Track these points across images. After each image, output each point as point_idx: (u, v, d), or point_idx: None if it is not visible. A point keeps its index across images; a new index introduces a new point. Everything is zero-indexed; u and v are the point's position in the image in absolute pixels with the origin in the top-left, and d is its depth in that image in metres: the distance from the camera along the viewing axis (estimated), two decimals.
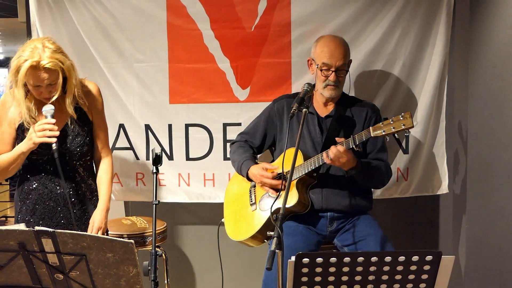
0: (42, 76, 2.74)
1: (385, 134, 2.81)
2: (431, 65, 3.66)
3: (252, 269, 4.07)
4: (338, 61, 3.08)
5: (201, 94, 3.76)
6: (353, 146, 2.87)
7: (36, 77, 2.74)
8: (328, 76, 3.10)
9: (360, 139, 2.87)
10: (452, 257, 2.02)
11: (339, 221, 3.16)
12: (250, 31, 3.70)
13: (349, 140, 2.88)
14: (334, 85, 3.11)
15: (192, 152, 3.81)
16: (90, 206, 3.04)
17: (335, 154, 2.88)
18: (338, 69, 3.09)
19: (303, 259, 1.99)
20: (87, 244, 2.04)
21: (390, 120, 2.81)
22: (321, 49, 3.14)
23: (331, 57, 3.08)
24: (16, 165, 2.85)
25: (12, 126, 2.90)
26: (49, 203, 2.94)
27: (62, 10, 3.69)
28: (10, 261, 2.09)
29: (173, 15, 3.69)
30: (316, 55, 3.15)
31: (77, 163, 2.98)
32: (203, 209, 3.97)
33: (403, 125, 2.77)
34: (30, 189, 2.95)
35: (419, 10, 3.62)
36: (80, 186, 3.01)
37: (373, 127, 2.84)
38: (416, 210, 4.07)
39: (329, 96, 3.14)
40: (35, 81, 2.75)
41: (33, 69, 2.71)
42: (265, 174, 3.15)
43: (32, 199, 2.94)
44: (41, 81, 2.75)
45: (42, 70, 2.73)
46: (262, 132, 3.35)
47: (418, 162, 3.75)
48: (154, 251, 2.41)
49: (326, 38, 3.19)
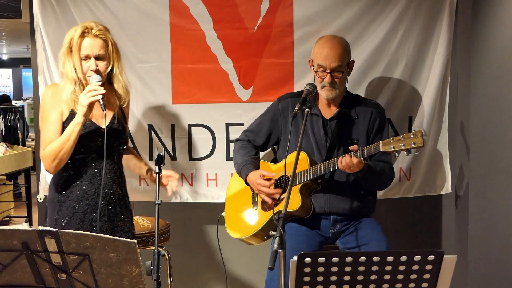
0: (92, 42, 2.82)
1: (394, 151, 2.80)
2: (434, 65, 3.66)
3: (256, 269, 4.07)
4: (333, 62, 3.05)
5: (204, 95, 3.76)
6: (361, 158, 2.87)
7: (86, 44, 2.82)
8: (323, 77, 3.08)
9: (369, 153, 2.85)
10: (454, 257, 2.02)
11: (342, 223, 3.16)
12: (253, 32, 3.71)
13: (358, 152, 2.88)
14: (330, 86, 3.08)
15: (195, 152, 3.82)
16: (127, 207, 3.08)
17: (347, 163, 2.87)
18: (334, 70, 3.06)
19: (305, 259, 1.99)
20: (90, 243, 2.04)
21: (401, 137, 2.78)
22: (318, 50, 3.12)
23: (326, 59, 3.05)
24: (71, 142, 2.78)
25: (60, 118, 2.88)
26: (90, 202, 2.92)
27: (65, 11, 3.70)
28: (14, 260, 2.10)
29: (176, 15, 3.70)
30: (314, 56, 3.14)
31: (119, 161, 3.03)
32: (206, 209, 3.98)
33: (413, 143, 2.74)
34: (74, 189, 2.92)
35: (422, 10, 3.63)
36: (123, 184, 3.06)
37: (383, 142, 2.82)
38: (418, 210, 4.07)
39: (326, 97, 3.12)
40: (85, 48, 2.82)
41: (83, 36, 2.82)
42: (262, 183, 3.14)
43: (75, 198, 2.91)
44: (91, 48, 2.82)
45: (92, 37, 2.82)
46: (267, 132, 3.34)
47: (421, 162, 3.75)
48: (157, 250, 2.41)
49: (324, 39, 3.17)
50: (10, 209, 7.82)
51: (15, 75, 19.96)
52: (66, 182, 2.92)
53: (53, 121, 2.86)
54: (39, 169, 3.99)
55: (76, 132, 2.77)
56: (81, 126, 2.78)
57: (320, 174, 3.00)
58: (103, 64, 2.87)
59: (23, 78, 19.84)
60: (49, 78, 3.80)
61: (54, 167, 2.82)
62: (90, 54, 2.83)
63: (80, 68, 2.84)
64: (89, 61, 2.84)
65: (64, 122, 2.86)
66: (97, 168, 2.91)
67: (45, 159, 2.83)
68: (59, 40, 3.73)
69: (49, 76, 3.79)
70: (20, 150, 7.47)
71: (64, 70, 2.87)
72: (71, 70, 2.85)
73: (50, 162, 2.81)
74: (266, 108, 3.42)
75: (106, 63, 2.88)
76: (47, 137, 2.84)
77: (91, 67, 2.83)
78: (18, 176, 8.57)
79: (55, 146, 2.79)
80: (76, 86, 2.86)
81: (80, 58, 2.83)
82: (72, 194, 2.91)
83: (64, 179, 2.92)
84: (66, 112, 2.87)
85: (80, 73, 2.85)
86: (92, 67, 2.83)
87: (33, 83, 4.07)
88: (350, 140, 3.12)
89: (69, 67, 2.85)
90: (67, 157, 2.81)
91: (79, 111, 2.77)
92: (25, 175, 7.66)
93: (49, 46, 3.74)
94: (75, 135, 2.78)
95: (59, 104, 2.86)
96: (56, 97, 2.88)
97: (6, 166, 6.83)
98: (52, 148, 2.79)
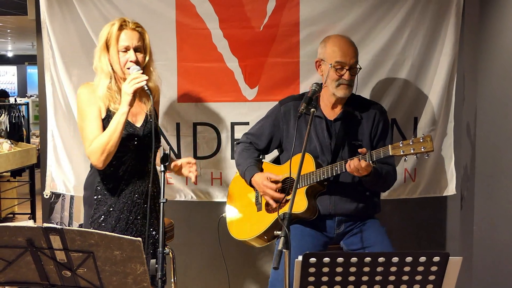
0: (130, 34, 2.87)
1: (404, 155, 2.80)
2: (440, 66, 3.66)
3: (258, 269, 4.07)
4: (352, 59, 3.06)
5: (209, 93, 3.76)
6: (370, 161, 2.86)
7: (125, 36, 2.86)
8: (342, 75, 3.06)
9: (378, 156, 2.85)
10: (460, 258, 2.02)
11: (347, 224, 3.15)
12: (259, 31, 3.71)
13: (367, 155, 2.87)
14: (347, 84, 3.07)
15: (200, 151, 3.82)
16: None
17: (355, 166, 2.86)
18: (351, 67, 3.07)
19: (310, 259, 1.99)
20: (95, 241, 2.05)
21: (410, 141, 2.78)
22: (332, 48, 3.11)
23: (345, 56, 3.05)
24: (118, 133, 2.79)
25: (99, 114, 2.89)
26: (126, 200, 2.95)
27: (71, 8, 3.71)
28: (18, 257, 2.11)
29: (182, 14, 3.70)
30: (328, 55, 3.11)
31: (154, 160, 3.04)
32: (210, 208, 3.98)
33: (423, 148, 2.74)
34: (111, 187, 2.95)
35: (428, 10, 3.62)
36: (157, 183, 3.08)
37: (392, 146, 2.82)
38: (423, 211, 4.06)
39: (342, 96, 3.10)
40: (124, 40, 2.86)
41: (122, 29, 2.87)
42: (268, 185, 3.13)
43: (111, 196, 2.94)
44: (130, 40, 2.86)
45: (130, 29, 2.88)
46: (268, 136, 3.33)
47: (426, 163, 3.74)
48: (162, 249, 2.41)
49: (335, 38, 3.16)
50: (14, 205, 7.83)
51: (20, 72, 20.02)
52: (103, 181, 2.95)
53: (94, 117, 2.87)
54: (44, 166, 4.00)
55: (122, 123, 2.80)
56: (127, 116, 2.81)
57: (327, 176, 2.99)
58: (141, 56, 2.91)
59: (28, 75, 19.89)
60: (56, 76, 3.80)
61: (103, 161, 2.83)
62: (130, 45, 2.86)
63: (118, 60, 2.87)
64: (128, 53, 2.87)
65: (102, 119, 2.88)
66: (133, 167, 2.94)
67: (93, 154, 2.82)
68: (66, 38, 3.76)
69: (55, 73, 3.80)
70: (25, 147, 7.49)
71: (99, 64, 2.90)
72: (106, 64, 2.88)
73: (98, 156, 2.81)
74: (268, 112, 3.40)
75: (143, 55, 2.92)
76: (90, 134, 2.85)
77: (131, 58, 2.86)
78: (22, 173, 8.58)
79: (102, 140, 2.80)
80: (112, 81, 2.89)
81: (119, 50, 2.86)
82: (109, 193, 2.94)
83: (100, 177, 2.95)
84: (103, 109, 2.89)
85: (118, 66, 2.88)
86: (132, 58, 2.86)
87: (39, 80, 4.08)
88: (355, 141, 3.12)
89: (104, 62, 2.88)
90: (114, 149, 2.82)
91: (124, 100, 2.80)
92: (29, 172, 7.68)
93: (56, 44, 3.76)
94: (121, 126, 2.80)
95: (96, 101, 2.88)
96: (92, 94, 2.89)
97: (10, 163, 6.84)
98: (100, 141, 2.80)
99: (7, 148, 6.88)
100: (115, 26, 2.86)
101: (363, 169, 2.85)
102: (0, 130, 9.25)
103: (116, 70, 2.90)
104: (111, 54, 2.88)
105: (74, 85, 3.78)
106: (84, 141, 2.88)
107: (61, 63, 3.77)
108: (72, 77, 3.79)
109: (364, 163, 2.84)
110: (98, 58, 2.91)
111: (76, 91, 3.74)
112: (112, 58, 2.88)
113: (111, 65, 2.89)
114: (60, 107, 3.86)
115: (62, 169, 3.92)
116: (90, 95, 2.90)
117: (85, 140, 2.88)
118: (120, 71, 2.89)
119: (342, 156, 3.09)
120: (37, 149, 7.23)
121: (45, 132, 3.96)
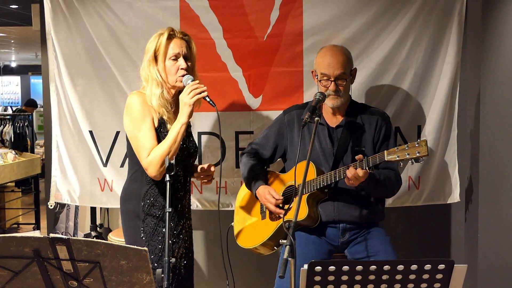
0: (179, 42, 2.89)
1: (399, 160, 2.80)
2: (443, 74, 3.66)
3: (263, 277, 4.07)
4: (336, 70, 3.04)
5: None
6: (366, 168, 2.87)
7: (175, 44, 2.88)
8: (327, 86, 3.07)
9: (374, 162, 2.85)
10: (465, 266, 2.02)
11: (351, 232, 3.14)
12: (263, 40, 3.72)
13: (363, 162, 2.88)
14: (335, 95, 3.07)
15: (204, 160, 3.82)
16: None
17: (352, 175, 2.87)
18: (337, 78, 3.05)
19: (316, 267, 1.99)
20: (101, 251, 2.05)
21: (405, 146, 2.79)
22: (320, 59, 3.12)
23: (329, 67, 3.05)
24: (177, 144, 2.79)
25: (153, 124, 2.88)
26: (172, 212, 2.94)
27: (77, 19, 3.73)
28: (25, 267, 2.11)
29: (186, 24, 3.71)
30: (316, 65, 3.14)
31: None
32: (215, 217, 3.97)
33: (417, 152, 2.75)
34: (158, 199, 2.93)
35: (431, 19, 3.63)
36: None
37: (388, 151, 2.82)
38: (428, 218, 4.06)
39: (332, 106, 3.11)
40: (174, 48, 2.87)
41: (171, 38, 2.88)
42: (269, 200, 3.14)
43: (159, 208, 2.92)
44: (180, 48, 2.88)
45: (178, 38, 2.90)
46: (273, 145, 3.33)
47: (430, 171, 3.75)
48: (168, 258, 2.42)
49: (325, 48, 3.17)
50: (18, 216, 7.84)
51: (23, 82, 20.06)
52: (150, 193, 2.92)
53: (149, 127, 2.85)
54: (48, 176, 4.00)
55: (182, 133, 2.79)
56: (186, 126, 2.81)
57: (326, 183, 2.99)
58: (190, 64, 2.91)
59: (32, 85, 19.93)
60: (60, 86, 3.82)
61: (162, 172, 2.79)
62: (180, 53, 2.87)
63: (164, 68, 2.88)
64: (179, 61, 2.87)
65: (156, 128, 2.88)
66: (176, 179, 2.93)
67: (153, 165, 2.79)
68: (71, 48, 3.78)
69: (60, 84, 3.82)
70: (29, 157, 7.51)
71: (150, 74, 2.88)
72: (156, 73, 2.87)
73: (158, 167, 2.78)
74: (272, 121, 3.41)
75: (191, 63, 2.93)
76: (147, 144, 2.82)
77: (182, 65, 2.87)
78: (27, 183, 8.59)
79: (162, 150, 2.78)
80: (163, 90, 2.88)
81: (169, 58, 2.87)
82: (157, 204, 2.92)
83: (146, 189, 2.92)
84: (156, 119, 2.88)
85: (166, 75, 2.88)
86: (182, 65, 2.87)
87: (43, 90, 4.09)
88: (357, 147, 3.12)
89: (154, 72, 2.88)
90: (175, 152, 2.81)
91: (184, 111, 2.79)
92: (34, 182, 7.69)
93: (61, 54, 3.77)
94: (181, 136, 2.80)
95: (150, 110, 2.87)
96: (145, 103, 2.88)
97: (15, 173, 6.86)
98: (159, 152, 2.78)
99: (11, 158, 6.90)
100: (164, 36, 2.86)
101: (362, 177, 2.86)
102: (5, 140, 9.28)
103: (165, 80, 2.89)
104: (159, 64, 2.87)
105: (79, 95, 3.79)
106: (141, 151, 2.83)
107: (66, 73, 3.78)
108: (77, 87, 3.80)
109: (361, 171, 2.84)
110: (147, 69, 2.89)
111: (81, 101, 3.79)
112: (161, 67, 2.88)
113: (160, 75, 2.88)
114: (64, 117, 3.87)
115: (67, 179, 3.93)
116: (144, 104, 2.87)
117: (141, 149, 2.83)
118: (172, 80, 2.89)
119: (344, 163, 3.09)
120: (42, 159, 7.24)
121: (50, 142, 3.97)
